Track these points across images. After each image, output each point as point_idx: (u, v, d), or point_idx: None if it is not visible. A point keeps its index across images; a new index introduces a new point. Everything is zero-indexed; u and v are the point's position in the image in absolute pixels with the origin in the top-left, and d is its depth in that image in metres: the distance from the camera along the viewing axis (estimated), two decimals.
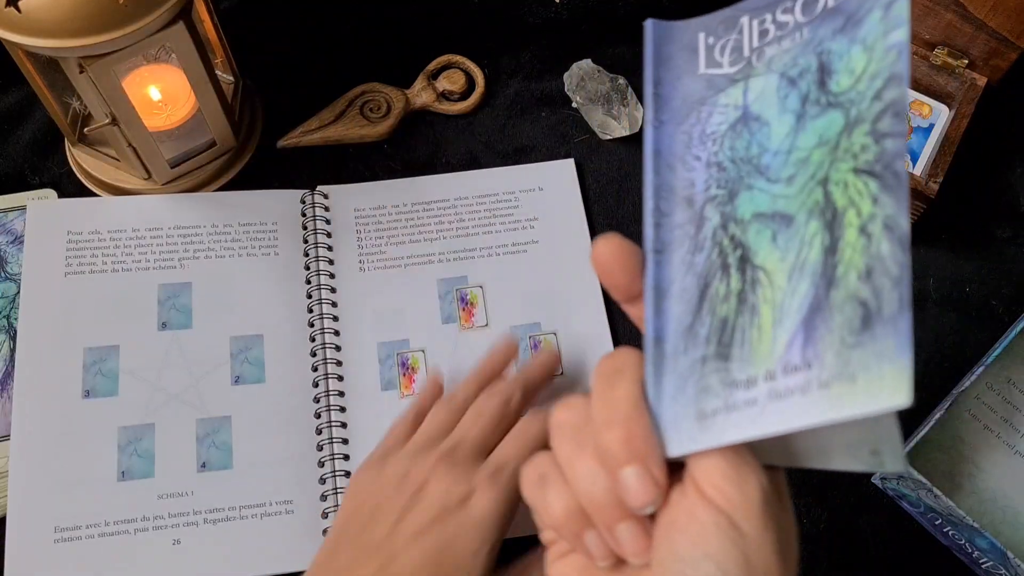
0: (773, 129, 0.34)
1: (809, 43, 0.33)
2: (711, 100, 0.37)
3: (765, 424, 0.31)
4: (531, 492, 0.37)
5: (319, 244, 0.66)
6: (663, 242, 0.36)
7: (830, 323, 0.30)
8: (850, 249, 0.30)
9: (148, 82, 0.66)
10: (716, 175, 0.35)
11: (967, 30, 0.68)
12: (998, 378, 0.59)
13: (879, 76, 0.31)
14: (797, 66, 0.34)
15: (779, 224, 0.33)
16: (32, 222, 0.64)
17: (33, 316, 0.61)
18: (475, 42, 0.77)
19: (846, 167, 0.31)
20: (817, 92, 0.33)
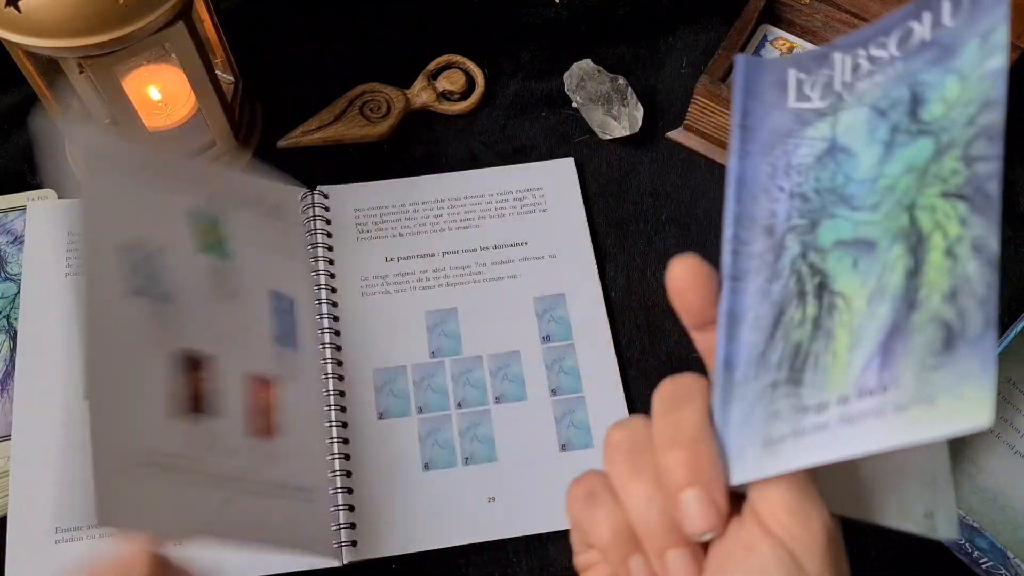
0: (860, 159, 0.35)
1: (902, 76, 0.34)
2: (798, 133, 0.37)
3: (835, 448, 0.31)
4: (578, 510, 0.36)
5: (319, 244, 0.66)
6: (740, 270, 0.36)
7: (909, 345, 0.30)
8: (934, 271, 0.30)
9: (148, 82, 0.66)
10: (799, 205, 0.36)
11: None
12: (998, 378, 0.60)
13: (973, 103, 0.31)
14: (888, 98, 0.34)
15: (861, 250, 0.33)
16: (32, 222, 0.64)
17: (33, 316, 0.61)
18: (475, 42, 0.77)
19: (934, 191, 0.31)
20: (908, 122, 0.33)
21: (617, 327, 0.66)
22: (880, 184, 0.33)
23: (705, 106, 0.70)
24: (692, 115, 0.71)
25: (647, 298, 0.67)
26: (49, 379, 0.60)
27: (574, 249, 0.68)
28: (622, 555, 0.34)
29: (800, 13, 0.74)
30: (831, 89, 0.37)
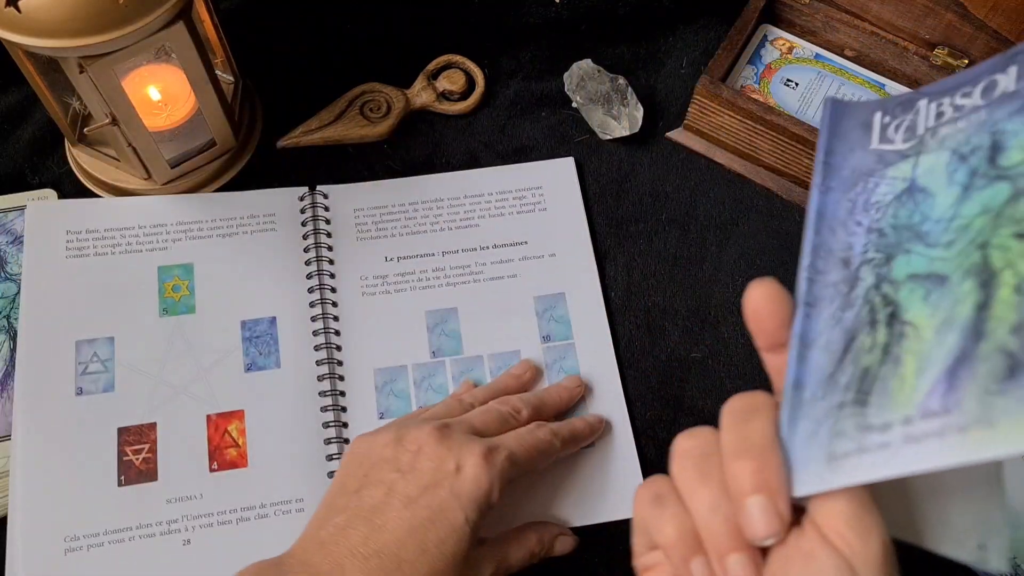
0: (938, 200, 0.36)
1: (984, 124, 0.36)
2: (879, 172, 0.39)
3: (896, 465, 0.32)
4: (645, 510, 0.38)
5: (319, 244, 0.66)
6: (815, 296, 0.38)
7: (974, 372, 0.31)
8: (1003, 306, 0.32)
9: (148, 82, 0.66)
10: (875, 240, 0.38)
11: (967, 30, 0.68)
12: None
13: None
14: (970, 144, 0.36)
15: (933, 284, 0.35)
16: (32, 222, 0.64)
17: (33, 316, 0.61)
18: (475, 42, 0.77)
19: (1008, 232, 0.33)
20: (987, 167, 0.35)
21: (617, 327, 0.66)
22: (955, 224, 0.35)
23: (705, 106, 0.69)
24: (692, 115, 0.71)
25: (647, 298, 0.67)
26: (49, 379, 0.60)
27: (574, 249, 0.68)
28: (685, 556, 0.36)
29: (800, 13, 0.74)
30: (914, 133, 0.39)
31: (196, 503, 0.58)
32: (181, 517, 0.57)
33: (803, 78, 0.73)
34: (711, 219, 0.71)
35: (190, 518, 0.57)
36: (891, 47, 0.72)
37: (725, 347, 0.66)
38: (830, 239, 0.39)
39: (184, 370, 0.61)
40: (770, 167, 0.71)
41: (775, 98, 0.72)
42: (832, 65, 0.74)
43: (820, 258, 0.39)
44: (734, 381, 0.65)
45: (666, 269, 0.68)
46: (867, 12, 0.71)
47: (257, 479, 0.59)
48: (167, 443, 0.59)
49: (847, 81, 0.73)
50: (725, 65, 0.70)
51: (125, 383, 0.61)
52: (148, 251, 0.65)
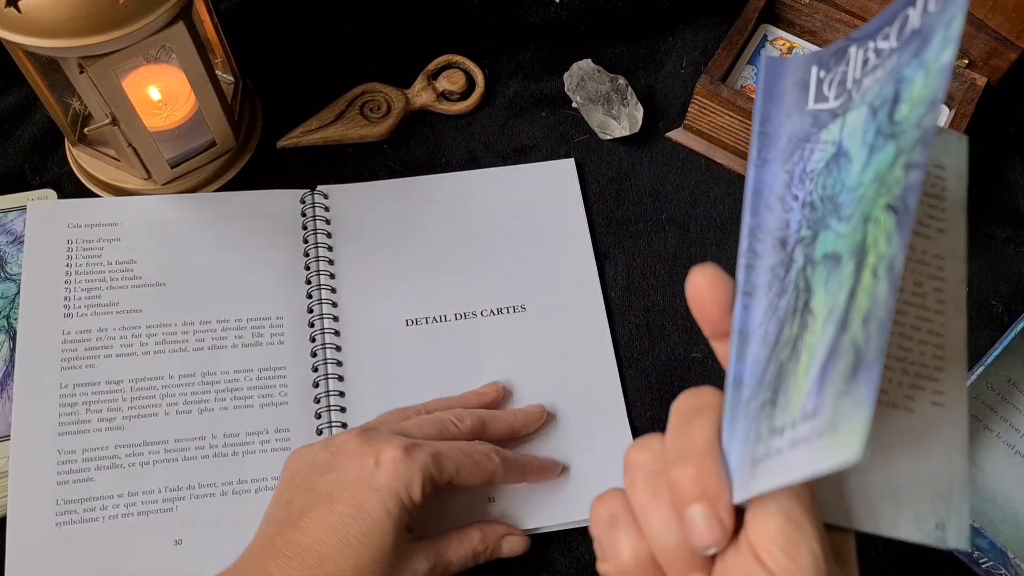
0: (853, 165, 0.33)
1: (893, 71, 0.32)
2: (814, 137, 0.35)
3: (784, 474, 0.30)
4: (600, 531, 0.37)
5: (319, 244, 0.66)
6: (752, 285, 0.35)
7: (836, 369, 0.29)
8: (863, 292, 0.29)
9: (148, 82, 0.66)
10: (808, 215, 0.34)
11: (967, 30, 0.68)
12: (998, 378, 0.60)
13: (925, 102, 0.29)
14: (880, 96, 0.32)
15: (832, 265, 0.32)
16: (32, 222, 0.64)
17: (33, 316, 0.61)
18: (475, 42, 0.77)
19: (882, 202, 0.30)
20: (887, 123, 0.31)
21: (616, 327, 0.66)
22: (857, 193, 0.32)
23: (705, 106, 0.70)
24: (692, 115, 0.71)
25: (647, 298, 0.67)
26: (48, 379, 0.60)
27: (574, 249, 0.68)
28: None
29: (800, 13, 0.74)
30: (844, 87, 0.35)
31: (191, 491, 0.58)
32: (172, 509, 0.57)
33: None
34: (711, 219, 0.71)
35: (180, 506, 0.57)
36: None
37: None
38: (768, 218, 0.36)
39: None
40: None
41: None
42: None
43: (757, 240, 0.36)
44: None
45: (666, 269, 0.68)
46: (867, 12, 0.71)
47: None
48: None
49: None
50: (725, 65, 0.70)
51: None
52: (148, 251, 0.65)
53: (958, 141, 0.37)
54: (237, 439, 0.60)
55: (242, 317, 0.63)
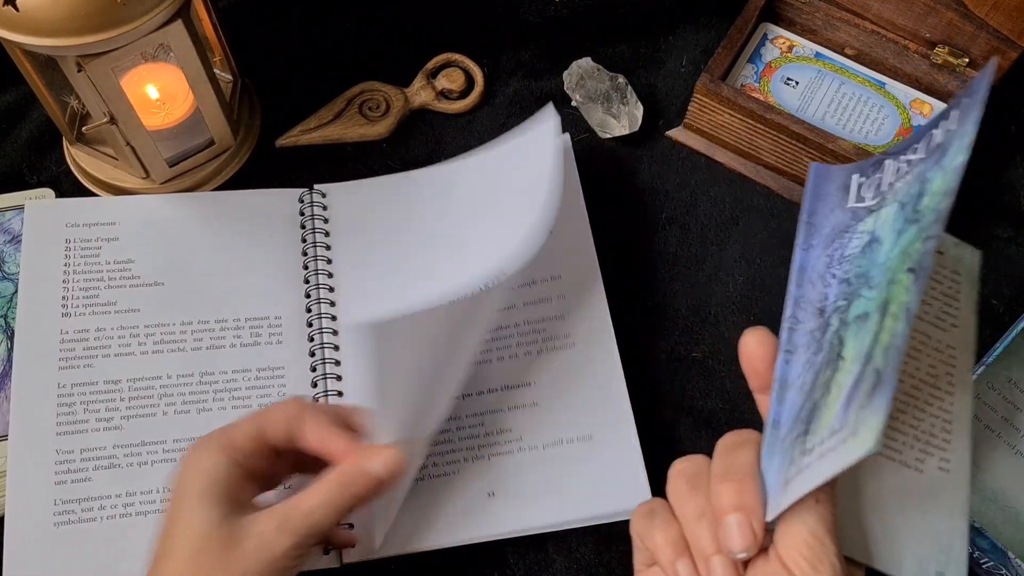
0: (883, 247, 0.40)
1: (920, 174, 0.40)
2: (852, 228, 0.43)
3: (811, 481, 0.37)
4: (639, 524, 0.44)
5: (317, 243, 0.66)
6: (794, 344, 0.43)
7: (859, 391, 0.36)
8: (886, 332, 0.37)
9: (146, 81, 0.66)
10: (844, 289, 0.42)
11: (968, 29, 0.68)
12: (999, 378, 0.59)
13: (942, 193, 0.38)
14: (909, 194, 0.41)
15: (862, 323, 0.39)
16: (30, 221, 0.64)
17: (31, 316, 0.61)
18: (474, 40, 0.77)
19: (904, 267, 0.37)
20: (912, 212, 0.39)
21: (617, 326, 0.65)
22: (886, 266, 0.39)
23: (705, 105, 0.69)
24: (692, 114, 0.71)
25: (647, 297, 0.67)
26: (46, 379, 0.60)
27: (574, 247, 0.68)
28: (671, 558, 0.42)
29: (800, 12, 0.73)
30: (879, 190, 0.43)
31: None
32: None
33: (803, 77, 0.73)
34: (711, 218, 0.70)
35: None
36: (892, 46, 0.72)
37: (725, 346, 0.65)
38: (810, 291, 0.43)
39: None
40: (770, 166, 0.71)
41: (775, 97, 0.72)
42: (832, 64, 0.73)
43: (800, 309, 0.43)
44: (734, 381, 0.64)
45: (666, 268, 0.68)
46: (868, 10, 0.71)
47: None
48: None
49: (847, 80, 0.73)
50: (725, 64, 0.70)
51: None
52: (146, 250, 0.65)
53: (972, 254, 0.48)
54: None
55: (240, 317, 0.63)
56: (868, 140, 0.70)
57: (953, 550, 0.42)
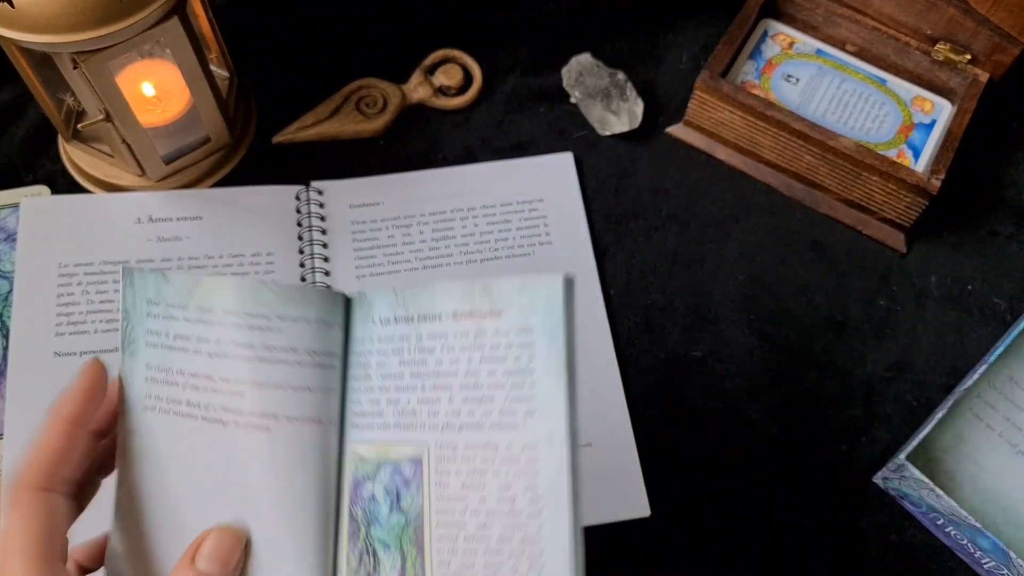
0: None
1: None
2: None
3: None
4: None
5: (314, 241, 0.66)
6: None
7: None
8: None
9: (142, 78, 0.66)
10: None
11: (969, 25, 0.68)
12: (1000, 376, 0.59)
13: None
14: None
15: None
16: (25, 219, 0.64)
17: (26, 314, 0.61)
18: (472, 36, 0.77)
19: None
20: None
21: (616, 325, 0.65)
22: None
23: (705, 101, 0.69)
24: (692, 111, 0.71)
25: (646, 296, 0.67)
26: (42, 378, 0.59)
27: (573, 246, 0.67)
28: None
29: (801, 8, 0.73)
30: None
31: None
32: None
33: (804, 73, 0.72)
34: (711, 215, 0.70)
35: None
36: (893, 42, 0.71)
37: (725, 345, 0.65)
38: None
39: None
40: (770, 163, 0.71)
41: (776, 93, 0.71)
42: (833, 60, 0.73)
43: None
44: (734, 380, 0.64)
45: (666, 266, 0.68)
46: (869, 7, 0.71)
47: None
48: None
49: (848, 77, 0.72)
50: (725, 60, 0.70)
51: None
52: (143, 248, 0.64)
53: (549, 284, 0.34)
54: None
55: None
56: (869, 137, 0.70)
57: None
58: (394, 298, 0.38)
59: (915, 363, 0.65)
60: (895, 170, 0.65)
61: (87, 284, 0.63)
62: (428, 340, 0.37)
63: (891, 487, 0.60)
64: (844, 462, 0.62)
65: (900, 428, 0.63)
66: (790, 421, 0.63)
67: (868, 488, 0.61)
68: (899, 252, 0.69)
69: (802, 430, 0.63)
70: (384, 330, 0.38)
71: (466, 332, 0.36)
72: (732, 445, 0.62)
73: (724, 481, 0.61)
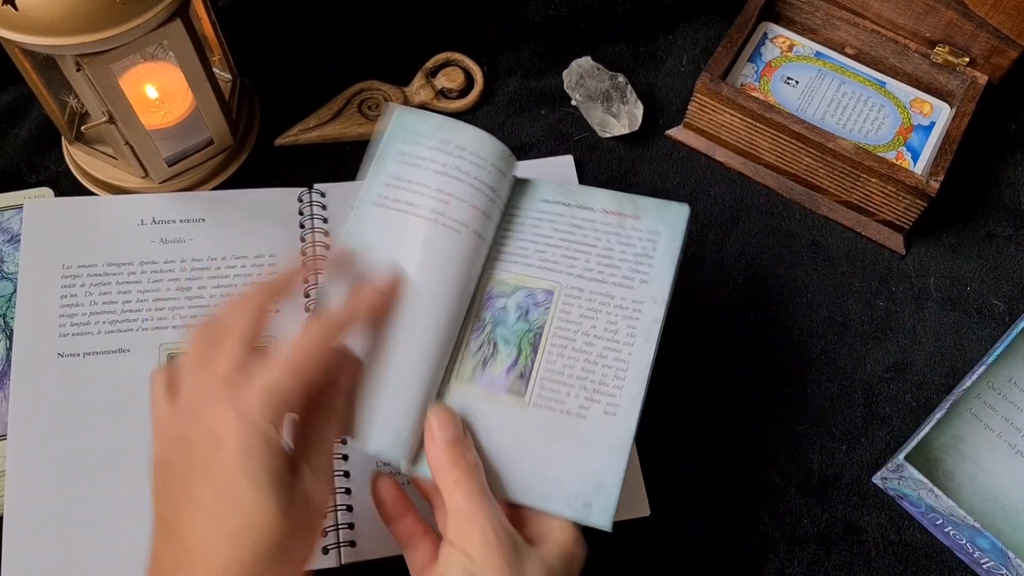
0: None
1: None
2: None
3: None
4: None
5: (316, 243, 0.66)
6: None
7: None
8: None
9: (145, 80, 0.66)
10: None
11: (968, 28, 0.68)
12: (999, 377, 0.59)
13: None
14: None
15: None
16: (29, 221, 0.64)
17: (30, 315, 0.61)
18: (474, 40, 0.77)
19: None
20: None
21: None
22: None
23: (705, 104, 0.69)
24: (692, 113, 0.71)
25: None
26: (45, 379, 0.59)
27: None
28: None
29: (800, 11, 0.73)
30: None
31: None
32: None
33: (803, 76, 0.73)
34: (711, 217, 0.70)
35: None
36: (892, 45, 0.72)
37: (726, 346, 0.65)
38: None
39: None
40: (770, 165, 0.71)
41: (775, 96, 0.72)
42: (832, 63, 0.73)
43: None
44: (733, 381, 0.64)
45: None
46: (868, 10, 0.71)
47: None
48: None
49: (847, 79, 0.72)
50: (725, 63, 0.70)
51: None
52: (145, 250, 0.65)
53: (677, 210, 0.54)
54: None
55: None
56: (868, 139, 0.70)
57: (605, 484, 0.48)
58: (558, 188, 0.55)
59: (914, 364, 0.65)
60: (894, 172, 0.65)
61: (90, 286, 0.63)
62: (580, 220, 0.54)
63: (890, 487, 0.60)
64: (844, 462, 0.62)
65: (899, 428, 0.63)
66: (790, 421, 0.63)
67: (867, 488, 0.61)
68: (898, 253, 0.69)
69: (802, 430, 0.63)
70: (545, 206, 0.54)
71: (610, 223, 0.53)
72: (732, 445, 0.63)
73: (724, 481, 0.61)
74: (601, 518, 0.47)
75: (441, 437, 0.48)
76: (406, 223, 0.51)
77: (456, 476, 0.46)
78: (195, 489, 0.42)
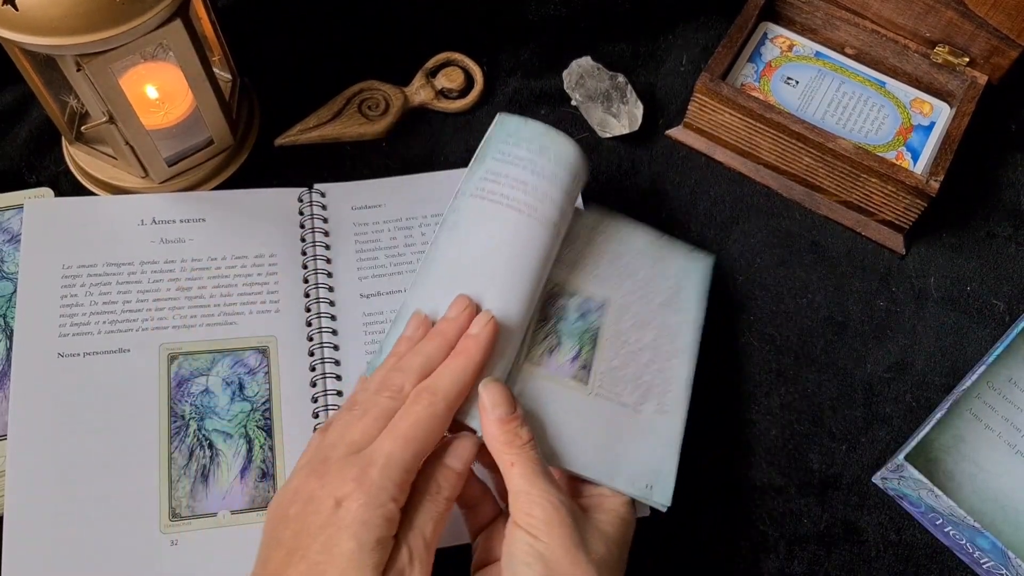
0: None
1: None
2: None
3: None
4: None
5: (316, 243, 0.66)
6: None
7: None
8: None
9: (145, 80, 0.66)
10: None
11: (968, 28, 0.68)
12: (999, 377, 0.59)
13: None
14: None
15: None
16: (29, 221, 0.64)
17: (30, 315, 0.61)
18: (474, 39, 0.77)
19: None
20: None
21: None
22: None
23: (705, 104, 0.69)
24: (692, 113, 0.71)
25: None
26: (45, 379, 0.59)
27: None
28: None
29: (800, 11, 0.73)
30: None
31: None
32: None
33: (803, 76, 0.73)
34: (711, 217, 0.70)
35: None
36: (892, 45, 0.72)
37: (725, 346, 0.65)
38: None
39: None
40: (770, 165, 0.71)
41: (775, 96, 0.72)
42: (832, 63, 0.73)
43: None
44: (733, 382, 0.64)
45: None
46: (867, 10, 0.71)
47: None
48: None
49: (848, 79, 0.73)
50: (725, 63, 0.70)
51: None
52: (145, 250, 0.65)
53: (705, 259, 0.63)
54: None
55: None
56: (868, 139, 0.70)
57: (662, 472, 0.54)
58: (604, 214, 0.63)
59: (914, 364, 0.65)
60: (894, 172, 0.65)
61: (90, 286, 0.63)
62: (623, 249, 0.61)
63: (890, 487, 0.60)
64: (844, 462, 0.62)
65: (899, 428, 0.63)
66: (790, 421, 0.63)
67: (867, 488, 0.61)
68: (898, 253, 0.69)
69: (802, 430, 0.63)
70: (594, 224, 0.62)
71: (648, 255, 0.62)
72: (732, 445, 0.63)
73: (724, 481, 0.61)
74: (662, 497, 0.53)
75: (494, 414, 0.49)
76: (500, 213, 0.55)
77: (512, 456, 0.48)
78: (310, 547, 0.44)
